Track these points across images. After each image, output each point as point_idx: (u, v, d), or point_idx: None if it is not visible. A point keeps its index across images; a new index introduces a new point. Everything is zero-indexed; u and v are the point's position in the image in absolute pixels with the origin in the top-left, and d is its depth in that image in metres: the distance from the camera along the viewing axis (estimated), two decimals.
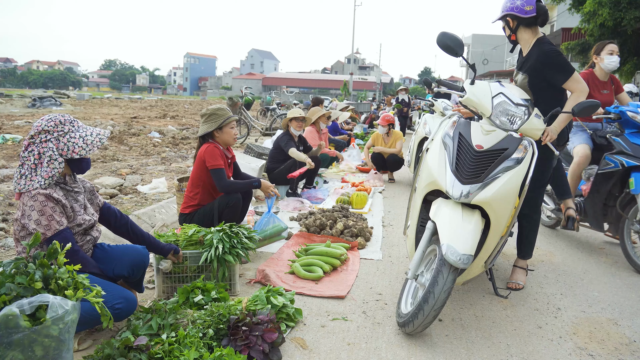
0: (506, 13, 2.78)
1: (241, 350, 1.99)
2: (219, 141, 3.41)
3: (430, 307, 2.13)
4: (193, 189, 3.37)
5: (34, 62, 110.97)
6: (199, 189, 3.34)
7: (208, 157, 3.25)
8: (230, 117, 3.38)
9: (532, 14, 2.70)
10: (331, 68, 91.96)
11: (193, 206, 3.34)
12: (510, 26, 2.82)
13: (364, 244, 3.76)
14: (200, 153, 3.32)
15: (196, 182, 3.35)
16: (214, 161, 3.24)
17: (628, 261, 3.53)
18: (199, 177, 3.34)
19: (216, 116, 3.34)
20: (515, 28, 2.81)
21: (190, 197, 3.36)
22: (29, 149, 2.00)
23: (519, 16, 2.73)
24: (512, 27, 2.82)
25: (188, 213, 3.34)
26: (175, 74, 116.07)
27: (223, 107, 3.41)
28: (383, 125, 6.72)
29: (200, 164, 3.31)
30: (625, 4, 10.70)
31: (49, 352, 1.52)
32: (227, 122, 3.36)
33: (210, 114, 3.35)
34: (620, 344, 2.38)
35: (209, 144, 3.34)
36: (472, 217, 2.29)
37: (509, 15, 2.79)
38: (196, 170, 3.35)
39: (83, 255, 2.09)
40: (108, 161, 7.34)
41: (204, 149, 3.30)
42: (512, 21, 2.80)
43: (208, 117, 3.35)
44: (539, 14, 2.70)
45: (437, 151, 2.53)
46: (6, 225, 3.77)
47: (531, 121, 2.48)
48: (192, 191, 3.37)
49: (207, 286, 2.48)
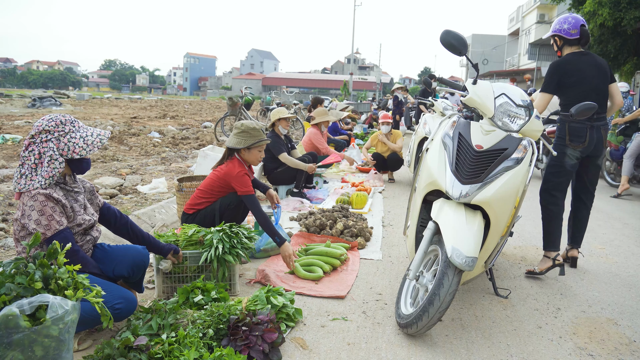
0: (554, 34, 3.28)
1: (241, 350, 1.99)
2: (244, 158, 3.33)
3: (436, 309, 2.13)
4: (204, 194, 3.29)
5: (34, 62, 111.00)
6: (210, 197, 3.29)
7: (238, 183, 3.17)
8: (262, 141, 3.31)
9: (576, 36, 3.18)
10: (331, 68, 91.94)
11: (197, 209, 3.31)
12: (558, 44, 3.31)
13: (364, 244, 3.76)
14: (229, 171, 3.23)
15: (210, 190, 3.28)
16: (244, 187, 3.17)
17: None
18: (216, 187, 3.27)
19: (249, 135, 3.26)
20: (561, 46, 3.30)
21: (197, 200, 3.31)
22: (29, 149, 2.00)
23: (565, 37, 3.22)
24: (558, 45, 3.31)
25: (191, 214, 3.32)
26: (175, 74, 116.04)
27: (259, 128, 3.32)
28: (386, 123, 6.72)
29: (222, 177, 3.24)
30: (625, 4, 10.70)
31: (49, 352, 1.52)
32: (258, 144, 3.30)
33: (244, 130, 3.27)
34: (620, 344, 2.38)
35: (239, 165, 3.25)
36: (475, 219, 2.29)
37: (556, 35, 3.27)
38: (214, 180, 3.28)
39: (83, 255, 2.09)
40: (108, 161, 7.34)
41: (233, 170, 3.21)
42: (559, 40, 3.28)
43: (242, 132, 3.27)
44: (582, 36, 3.19)
45: (437, 151, 2.53)
46: (6, 225, 3.77)
47: (532, 122, 2.49)
48: (202, 196, 3.29)
49: (207, 286, 2.48)
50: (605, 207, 5.69)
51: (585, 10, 11.60)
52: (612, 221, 4.99)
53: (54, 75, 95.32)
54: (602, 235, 4.44)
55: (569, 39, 3.21)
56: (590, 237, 4.33)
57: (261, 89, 64.30)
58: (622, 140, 7.01)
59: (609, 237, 4.38)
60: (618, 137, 7.06)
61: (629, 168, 6.37)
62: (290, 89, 51.16)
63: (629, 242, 4.25)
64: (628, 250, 4.00)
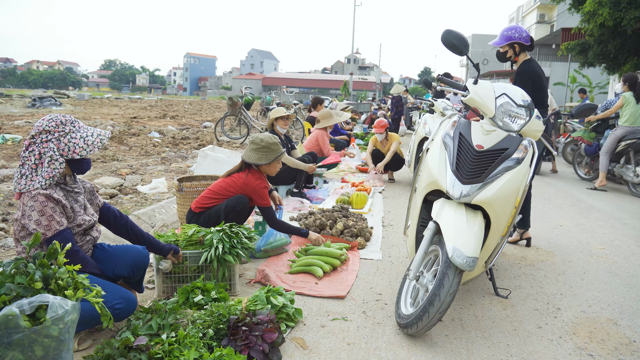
0: (515, 41, 3.71)
1: (241, 350, 1.99)
2: (263, 170, 3.37)
3: (436, 309, 2.13)
4: (216, 195, 3.29)
5: (34, 62, 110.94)
6: (220, 200, 3.28)
7: (258, 196, 3.23)
8: (282, 154, 3.37)
9: (529, 43, 3.72)
10: (331, 68, 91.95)
11: (205, 207, 3.30)
12: (516, 51, 3.75)
13: (364, 244, 3.76)
14: (247, 181, 3.25)
15: (223, 194, 3.28)
16: (264, 200, 3.25)
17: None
18: (230, 193, 3.27)
19: (270, 150, 3.30)
20: (519, 52, 3.76)
21: (207, 201, 3.29)
22: (29, 149, 2.00)
23: (524, 44, 3.71)
24: (516, 52, 3.75)
25: (197, 213, 3.31)
26: (175, 74, 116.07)
27: (277, 142, 3.35)
28: (380, 132, 6.71)
29: (240, 186, 3.26)
30: (625, 4, 10.69)
31: (48, 352, 1.52)
32: (278, 158, 3.34)
33: (264, 147, 3.29)
34: (620, 344, 2.38)
35: (258, 178, 3.29)
36: (476, 219, 2.29)
37: (516, 43, 3.72)
38: (231, 185, 3.29)
39: (83, 255, 2.09)
40: (108, 161, 7.34)
41: (253, 182, 3.25)
42: (518, 47, 3.74)
43: (262, 148, 3.29)
44: (532, 44, 3.75)
45: (437, 151, 2.53)
46: (6, 225, 3.77)
47: (532, 122, 2.49)
48: (213, 197, 3.29)
49: (207, 286, 2.47)
50: (605, 207, 5.69)
51: (585, 10, 11.59)
52: (612, 221, 4.99)
53: (54, 75, 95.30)
54: (602, 235, 4.44)
55: (526, 45, 3.71)
56: (590, 237, 4.34)
57: (261, 89, 64.31)
58: (595, 137, 7.45)
59: (609, 237, 4.38)
60: (590, 133, 7.48)
61: (605, 164, 6.75)
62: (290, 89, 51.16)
63: (629, 242, 4.24)
64: (628, 250, 4.00)
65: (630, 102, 6.46)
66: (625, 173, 6.68)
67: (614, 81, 15.08)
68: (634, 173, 6.51)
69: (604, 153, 6.75)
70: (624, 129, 6.59)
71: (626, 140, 6.61)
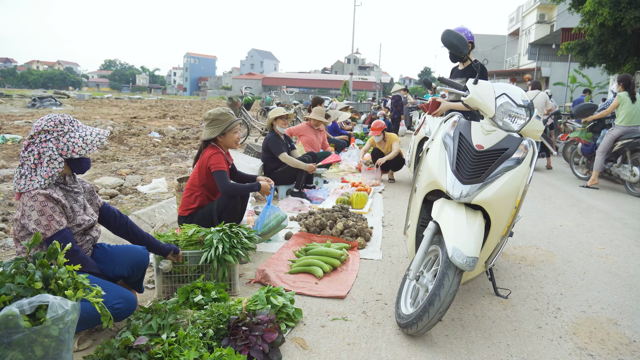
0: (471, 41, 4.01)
1: (241, 350, 1.99)
2: (222, 145, 3.40)
3: (436, 309, 2.13)
4: (193, 191, 3.35)
5: (34, 62, 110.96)
6: (199, 192, 3.33)
7: (212, 160, 3.25)
8: (234, 122, 3.36)
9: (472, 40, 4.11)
10: (331, 68, 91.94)
11: (192, 209, 3.33)
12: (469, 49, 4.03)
13: (364, 244, 3.76)
14: (204, 158, 3.31)
15: (197, 185, 3.33)
16: (217, 164, 3.24)
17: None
18: (200, 180, 3.32)
19: (219, 122, 3.32)
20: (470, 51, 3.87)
21: (189, 201, 3.34)
22: (28, 149, 2.00)
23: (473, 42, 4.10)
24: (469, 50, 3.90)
25: (187, 216, 3.33)
26: (175, 74, 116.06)
27: (226, 112, 3.38)
28: (377, 134, 6.71)
29: (202, 167, 3.30)
30: (625, 3, 10.70)
31: (48, 352, 1.52)
32: (230, 127, 3.35)
33: (213, 119, 3.32)
34: (620, 344, 2.38)
35: (212, 148, 3.33)
36: (476, 219, 2.29)
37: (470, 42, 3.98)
38: (197, 173, 3.34)
39: (83, 255, 2.08)
40: (108, 161, 7.34)
41: (209, 154, 3.29)
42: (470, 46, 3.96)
43: (211, 121, 3.32)
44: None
45: (437, 151, 2.53)
46: (6, 225, 3.77)
47: (532, 122, 2.49)
48: (191, 194, 3.35)
49: (207, 286, 2.47)
50: (605, 207, 5.69)
51: (585, 10, 11.60)
52: (612, 221, 4.99)
53: (54, 75, 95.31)
54: (602, 235, 4.44)
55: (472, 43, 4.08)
56: (590, 237, 4.33)
57: (261, 89, 64.28)
58: (592, 137, 7.51)
59: (609, 237, 4.38)
60: (587, 133, 7.53)
61: (600, 163, 6.86)
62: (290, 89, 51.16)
63: (629, 242, 4.24)
64: (628, 250, 4.00)
65: (626, 102, 6.50)
66: (622, 172, 6.76)
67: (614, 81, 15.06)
68: (631, 172, 6.59)
69: (600, 152, 6.84)
70: (620, 129, 6.64)
71: (622, 140, 6.68)
